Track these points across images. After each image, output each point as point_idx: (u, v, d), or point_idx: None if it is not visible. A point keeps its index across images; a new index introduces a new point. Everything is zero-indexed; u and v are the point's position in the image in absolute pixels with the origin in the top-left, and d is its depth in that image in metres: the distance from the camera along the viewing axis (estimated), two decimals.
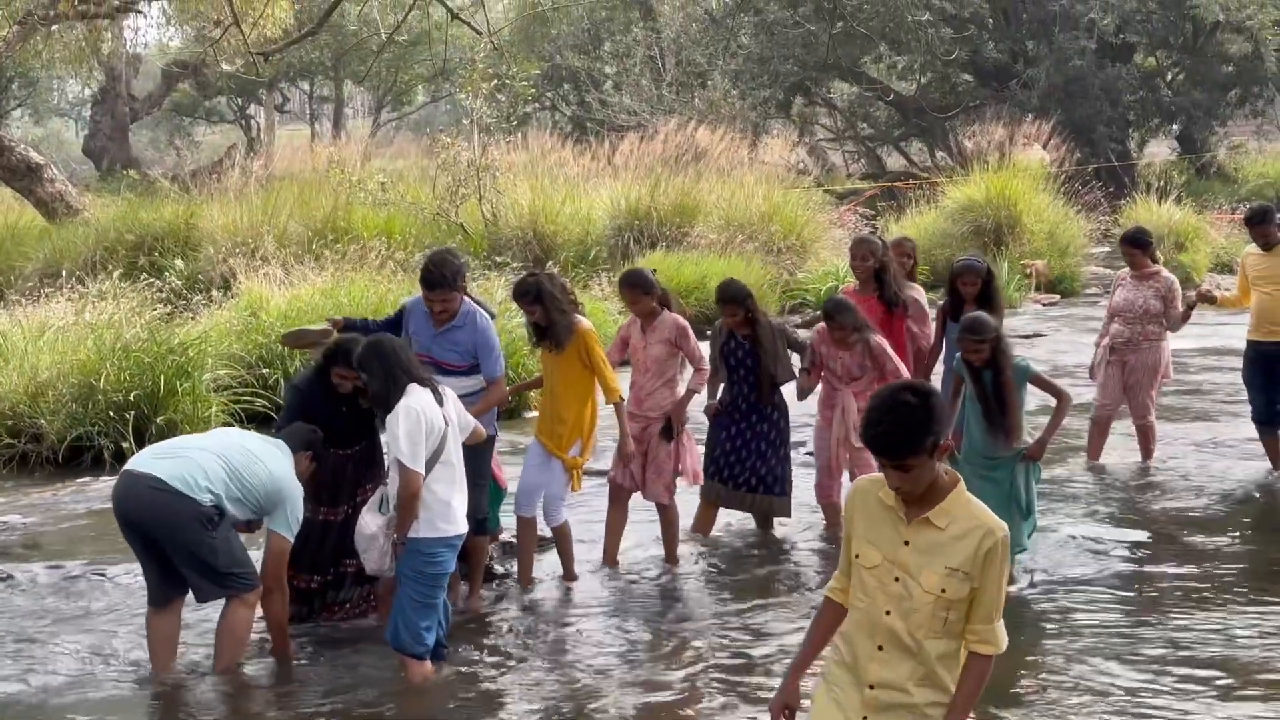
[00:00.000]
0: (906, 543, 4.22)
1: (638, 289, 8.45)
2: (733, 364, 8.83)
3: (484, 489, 7.75)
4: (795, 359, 9.14)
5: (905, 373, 8.68)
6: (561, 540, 8.39)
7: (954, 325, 9.03)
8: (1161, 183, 25.44)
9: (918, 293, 9.90)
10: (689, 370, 8.59)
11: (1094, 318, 12.26)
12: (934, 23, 34.94)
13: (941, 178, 27.67)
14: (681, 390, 8.53)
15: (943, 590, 4.16)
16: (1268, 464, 10.50)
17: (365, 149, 31.03)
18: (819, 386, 9.08)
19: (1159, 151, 41.64)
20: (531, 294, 7.90)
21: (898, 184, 32.47)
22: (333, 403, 7.32)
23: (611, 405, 8.11)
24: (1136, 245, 10.63)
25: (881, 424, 4.08)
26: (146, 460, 6.79)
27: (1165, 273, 10.66)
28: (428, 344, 7.55)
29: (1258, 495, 10.12)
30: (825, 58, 35.30)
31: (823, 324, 8.90)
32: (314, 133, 50.67)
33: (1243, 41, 34.62)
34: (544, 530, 8.43)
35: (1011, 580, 7.91)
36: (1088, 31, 34.33)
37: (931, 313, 9.89)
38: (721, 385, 9.00)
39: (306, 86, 53.81)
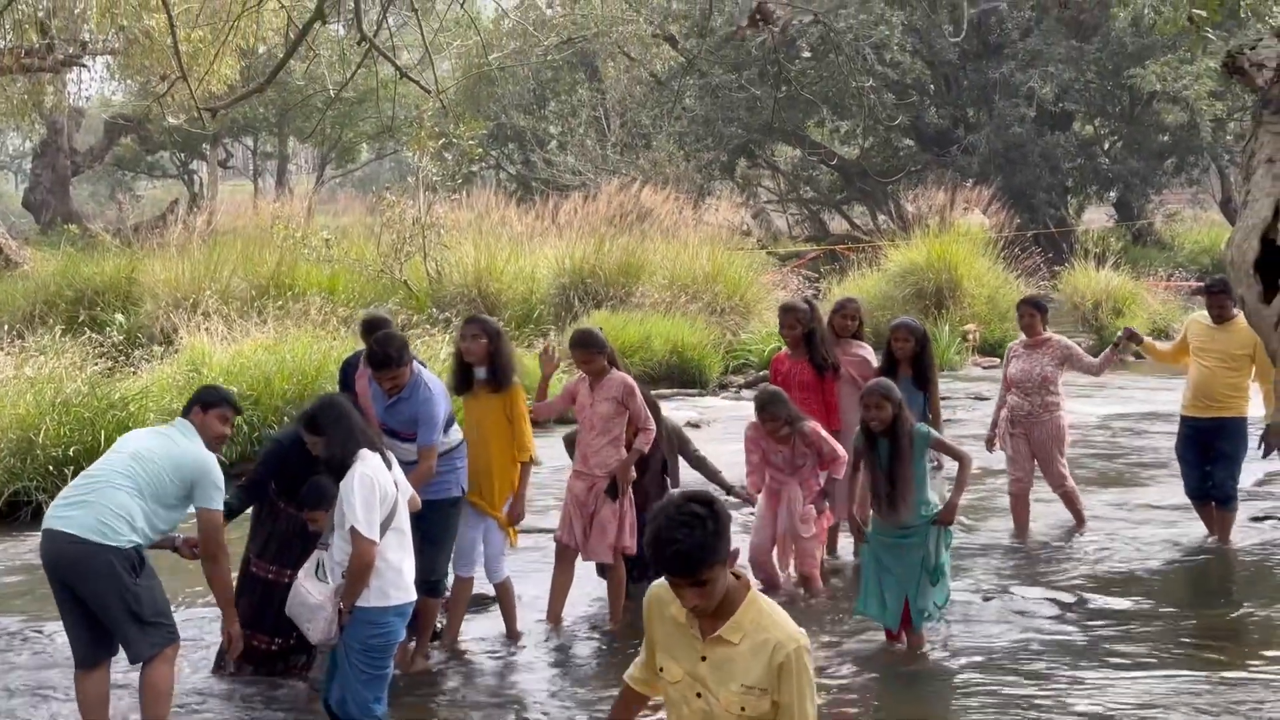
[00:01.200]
0: (704, 658, 4.03)
1: (590, 348, 8.47)
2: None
3: (443, 550, 7.77)
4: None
5: (842, 452, 8.76)
6: (504, 597, 8.36)
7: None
8: (1099, 249, 25.75)
9: (866, 351, 9.94)
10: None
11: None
12: (877, 89, 35.31)
13: (883, 241, 27.91)
14: (624, 452, 8.53)
15: (742, 709, 3.98)
16: (1191, 529, 10.48)
17: (309, 205, 31.04)
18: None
19: (1096, 218, 42.20)
20: (482, 323, 8.10)
21: (840, 247, 32.72)
22: (309, 464, 7.27)
23: (520, 463, 8.13)
24: (1037, 307, 10.60)
25: (676, 542, 3.81)
26: (61, 512, 6.58)
27: (1056, 337, 10.64)
28: (380, 414, 7.68)
29: (1181, 560, 10.12)
30: (769, 121, 35.58)
31: (754, 421, 8.91)
32: (258, 188, 50.52)
33: (1179, 111, 35.17)
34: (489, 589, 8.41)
35: (920, 645, 7.93)
36: (1027, 99, 34.79)
37: None
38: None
39: (250, 142, 53.67)
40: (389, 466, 6.56)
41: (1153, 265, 28.89)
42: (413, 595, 6.62)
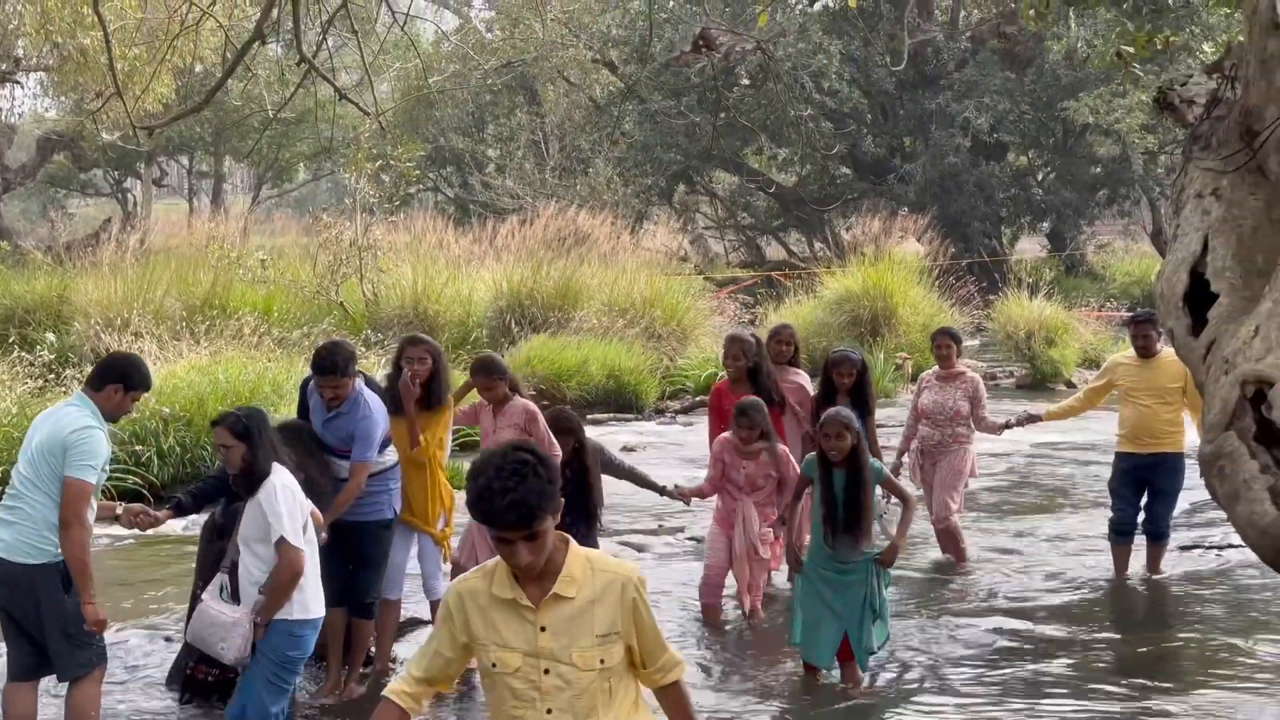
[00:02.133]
0: (543, 629, 3.83)
1: (492, 374, 8.45)
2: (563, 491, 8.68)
3: (378, 571, 7.73)
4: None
5: None
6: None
7: None
8: (1032, 279, 26.00)
9: (802, 378, 9.97)
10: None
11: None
12: (815, 117, 35.60)
13: (819, 268, 28.08)
14: None
15: (601, 661, 3.84)
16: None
17: (245, 225, 30.82)
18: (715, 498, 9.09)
19: (1030, 248, 42.64)
20: (428, 345, 8.09)
21: (776, 273, 32.88)
22: None
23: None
24: (955, 339, 10.59)
25: (509, 491, 3.64)
26: None
27: (970, 372, 10.63)
28: (319, 428, 7.63)
29: (1108, 588, 10.17)
30: (708, 147, 35.76)
31: (727, 435, 8.83)
32: (192, 208, 50.12)
33: (1111, 144, 35.67)
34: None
35: (858, 683, 7.87)
36: (963, 130, 35.16)
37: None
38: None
39: (186, 161, 53.27)
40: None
41: (1085, 296, 29.19)
42: (323, 610, 6.57)
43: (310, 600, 6.40)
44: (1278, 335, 3.94)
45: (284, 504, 6.27)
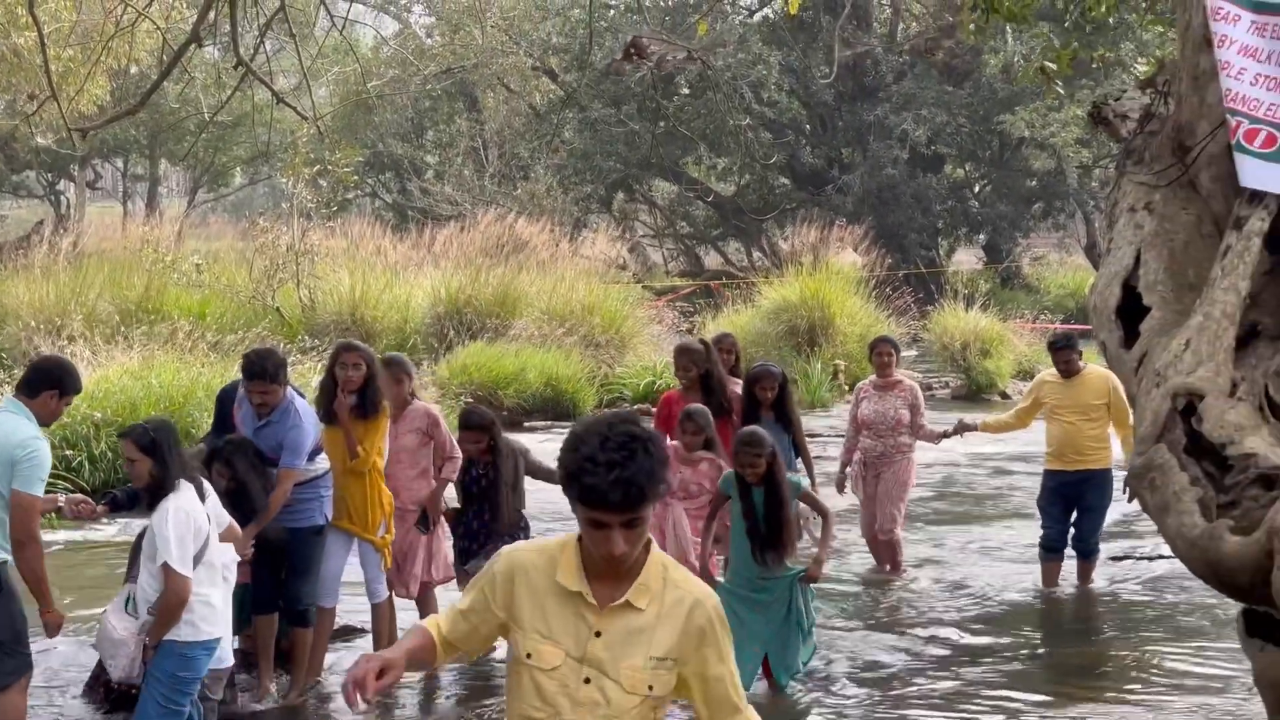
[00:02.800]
0: (599, 634, 3.33)
1: (390, 370, 8.38)
2: (473, 490, 8.59)
3: (310, 578, 7.66)
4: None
5: None
6: (380, 619, 8.24)
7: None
8: (968, 290, 26.20)
9: (740, 388, 9.94)
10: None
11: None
12: (754, 127, 35.72)
13: (758, 278, 28.16)
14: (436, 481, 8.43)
15: (650, 688, 3.32)
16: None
17: (180, 229, 30.56)
18: None
19: (966, 260, 42.95)
20: (363, 352, 7.96)
21: (715, 283, 32.96)
22: None
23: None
24: (897, 348, 10.64)
25: (617, 465, 3.17)
26: None
27: (908, 380, 10.70)
28: (250, 435, 7.57)
29: (1040, 598, 10.25)
30: (647, 156, 35.80)
31: (673, 443, 8.68)
32: (127, 211, 49.59)
33: (1046, 158, 35.99)
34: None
35: (778, 697, 7.81)
36: (900, 141, 35.37)
37: None
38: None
39: (120, 163, 52.73)
40: (203, 498, 6.36)
41: (1020, 307, 29.46)
42: (220, 631, 6.40)
43: (201, 620, 6.20)
44: (1208, 349, 3.99)
45: (174, 528, 6.07)
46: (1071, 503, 10.13)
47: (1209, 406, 3.84)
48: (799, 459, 9.41)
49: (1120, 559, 11.27)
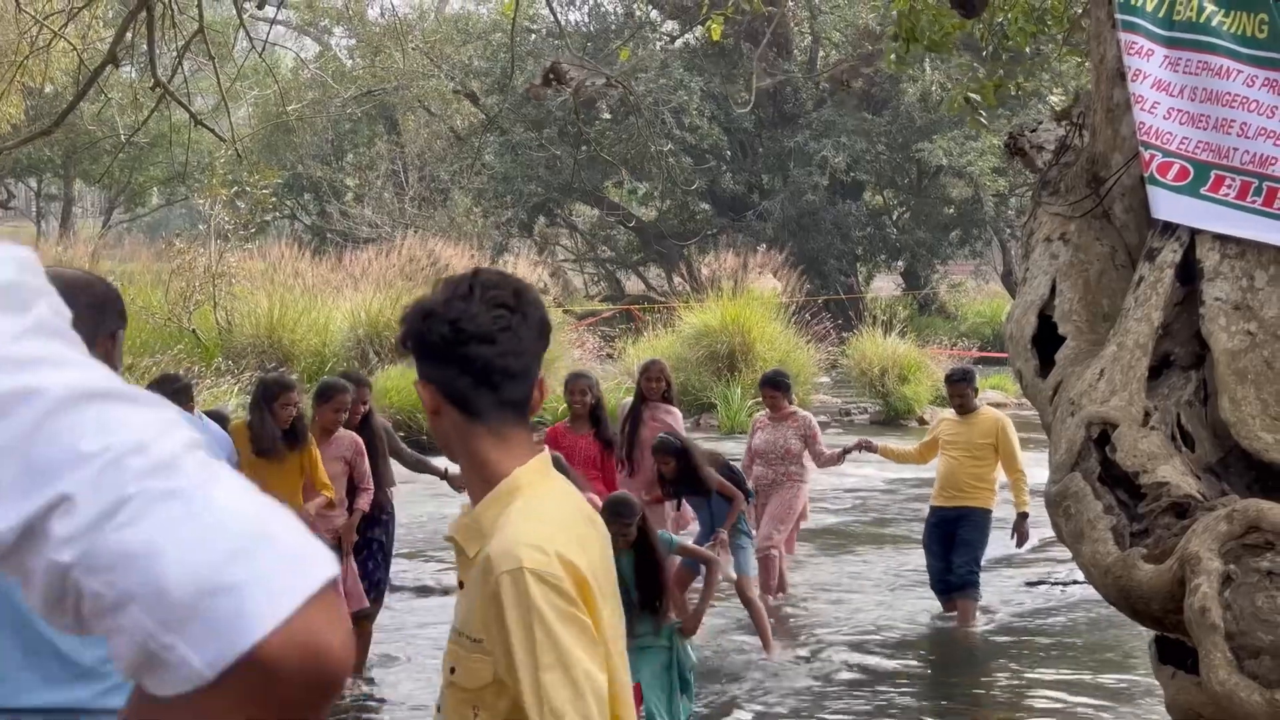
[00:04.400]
0: (461, 585, 2.53)
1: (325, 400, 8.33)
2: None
3: None
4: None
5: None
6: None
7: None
8: (886, 316, 26.41)
9: (674, 416, 9.78)
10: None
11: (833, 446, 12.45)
12: (675, 152, 35.87)
13: (678, 303, 28.23)
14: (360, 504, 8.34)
15: (452, 669, 2.45)
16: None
17: (95, 250, 30.17)
18: None
19: (885, 286, 43.31)
20: (292, 386, 7.96)
21: (635, 307, 33.01)
22: None
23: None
24: (776, 388, 10.52)
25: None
26: None
27: (802, 412, 10.70)
28: None
29: (946, 624, 10.20)
30: (569, 180, 35.84)
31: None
32: (40, 231, 48.90)
33: (963, 185, 36.44)
34: None
35: None
36: (820, 168, 35.66)
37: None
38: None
39: (34, 183, 52.00)
40: None
41: (937, 334, 29.70)
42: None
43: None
44: (1122, 378, 4.04)
45: None
46: (948, 540, 10.04)
47: (1122, 435, 3.88)
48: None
49: (1036, 584, 11.37)
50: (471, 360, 2.50)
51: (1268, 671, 2.96)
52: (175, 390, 7.36)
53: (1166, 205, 4.29)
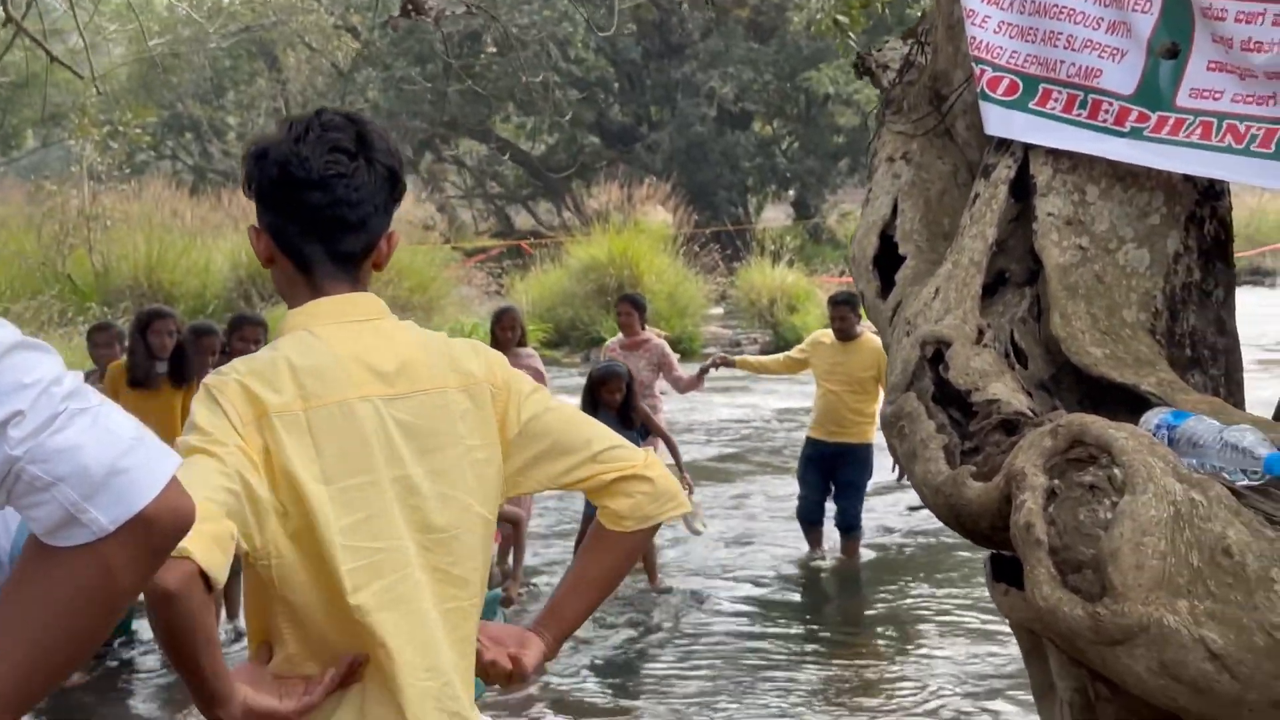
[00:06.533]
0: None
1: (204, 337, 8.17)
2: None
3: None
4: None
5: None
6: None
7: None
8: (776, 246, 26.45)
9: (535, 360, 9.59)
10: None
11: (715, 379, 12.38)
12: (561, 84, 35.55)
13: (566, 237, 28.09)
14: None
15: None
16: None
17: None
18: None
19: (775, 216, 43.39)
20: (175, 318, 7.92)
21: (523, 242, 32.80)
22: None
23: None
24: (635, 305, 10.29)
25: None
26: None
27: (655, 339, 10.31)
28: None
29: (831, 552, 10.21)
30: (454, 116, 35.42)
31: None
32: None
33: (851, 114, 36.48)
34: None
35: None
36: (708, 99, 35.54)
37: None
38: None
39: None
40: None
41: (826, 263, 29.85)
42: None
43: None
44: (956, 296, 4.00)
45: None
46: (827, 476, 9.89)
47: (955, 354, 3.85)
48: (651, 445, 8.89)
49: (917, 508, 11.44)
50: (299, 207, 2.40)
51: (1090, 585, 2.95)
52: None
53: (998, 121, 4.24)
